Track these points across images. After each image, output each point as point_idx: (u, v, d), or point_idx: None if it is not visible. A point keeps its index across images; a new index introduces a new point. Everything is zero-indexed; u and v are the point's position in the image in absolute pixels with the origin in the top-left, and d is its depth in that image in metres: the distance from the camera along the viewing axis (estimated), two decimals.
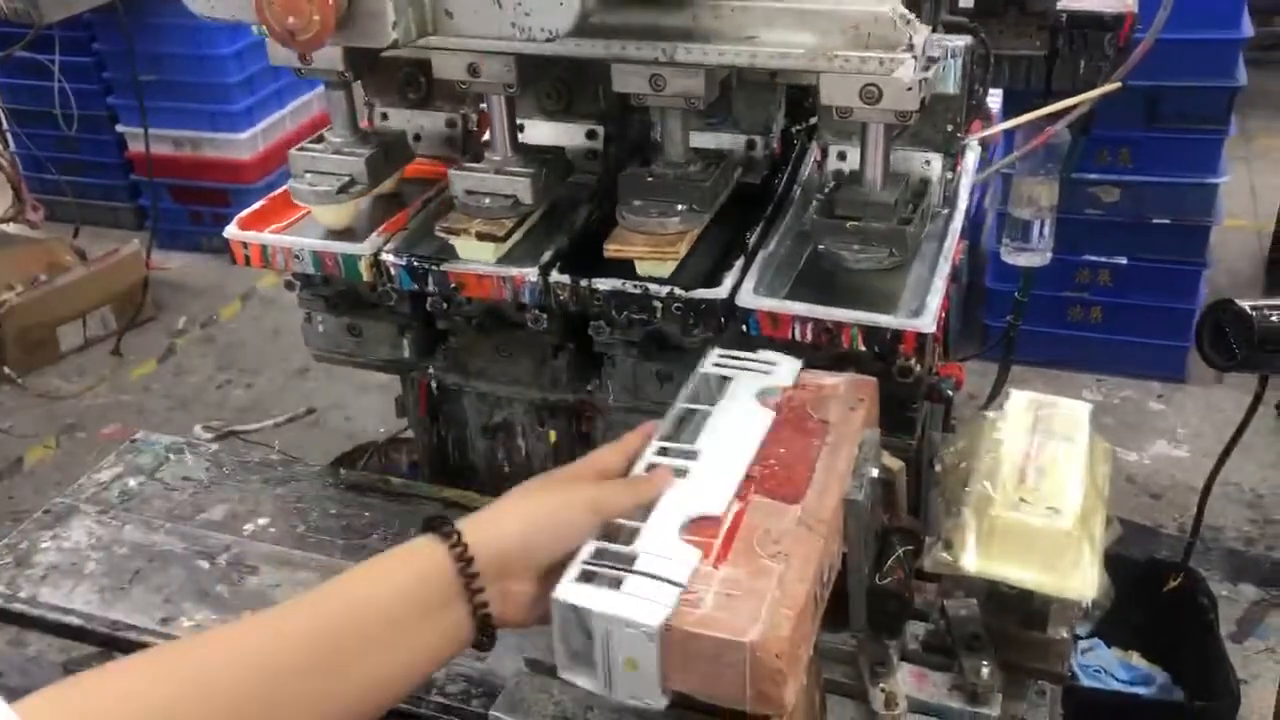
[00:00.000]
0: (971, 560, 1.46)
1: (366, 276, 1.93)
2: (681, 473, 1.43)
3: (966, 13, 2.90)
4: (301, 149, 1.98)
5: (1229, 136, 4.29)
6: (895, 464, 1.64)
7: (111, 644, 1.84)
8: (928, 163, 1.92)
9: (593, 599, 1.26)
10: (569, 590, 1.28)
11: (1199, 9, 3.81)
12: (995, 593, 1.56)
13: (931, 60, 1.55)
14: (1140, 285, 4.53)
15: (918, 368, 1.81)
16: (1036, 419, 1.63)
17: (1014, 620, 1.57)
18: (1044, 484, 1.50)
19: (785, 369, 1.63)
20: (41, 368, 5.10)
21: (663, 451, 1.48)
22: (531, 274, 1.83)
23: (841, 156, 1.96)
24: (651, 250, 1.77)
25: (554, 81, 2.05)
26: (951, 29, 2.78)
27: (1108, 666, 3.15)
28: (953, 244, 1.89)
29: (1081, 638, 3.19)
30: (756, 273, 1.80)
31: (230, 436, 4.43)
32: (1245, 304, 1.79)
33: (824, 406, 1.57)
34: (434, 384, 2.18)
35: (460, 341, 2.09)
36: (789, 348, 1.82)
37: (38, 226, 5.40)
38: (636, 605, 1.24)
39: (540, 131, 2.11)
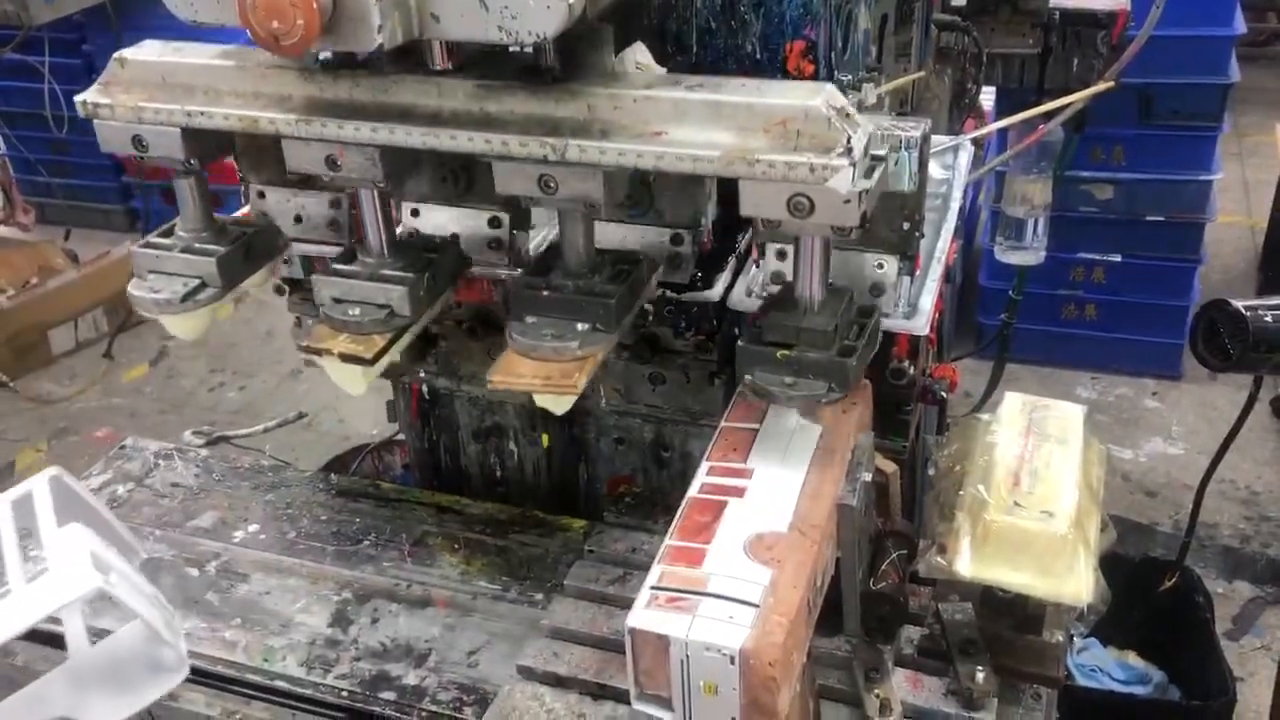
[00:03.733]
0: (966, 564, 1.46)
1: None
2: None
3: (959, 11, 2.90)
4: (146, 244, 1.68)
5: (1222, 133, 4.30)
6: (889, 467, 1.64)
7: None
8: (880, 266, 1.60)
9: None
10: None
11: (1191, 6, 3.81)
12: (990, 596, 1.55)
13: (876, 161, 1.31)
14: (1135, 282, 4.53)
15: (911, 370, 1.80)
16: (1030, 421, 1.62)
17: (1009, 624, 1.57)
18: (1038, 487, 1.50)
19: None
20: (33, 371, 5.08)
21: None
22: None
23: (781, 255, 1.63)
24: (545, 382, 1.45)
25: (451, 165, 1.73)
26: (944, 27, 2.78)
27: (1104, 666, 3.15)
28: (946, 244, 1.87)
29: (1078, 637, 3.19)
30: (749, 275, 1.79)
31: (220, 442, 4.41)
32: (1240, 304, 1.78)
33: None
34: (425, 388, 2.17)
35: (451, 345, 2.07)
36: None
37: (29, 229, 5.39)
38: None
39: (436, 219, 1.80)
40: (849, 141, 1.23)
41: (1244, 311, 1.77)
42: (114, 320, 5.28)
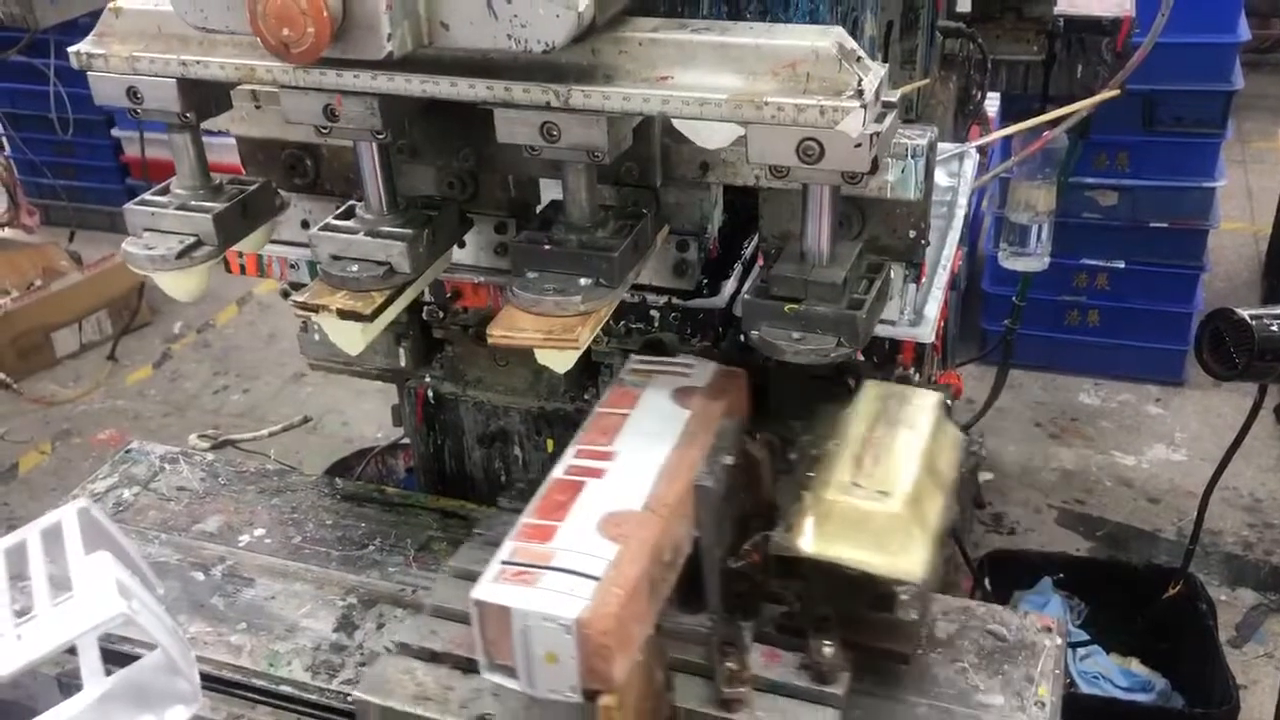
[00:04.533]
0: (809, 542, 1.49)
1: None
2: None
3: (964, 18, 2.90)
4: (141, 202, 1.63)
5: (1226, 140, 4.30)
6: (760, 453, 1.66)
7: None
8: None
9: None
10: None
11: (1196, 13, 3.81)
12: (843, 575, 1.55)
13: (887, 106, 1.28)
14: (1138, 289, 4.54)
15: (916, 377, 1.80)
16: (884, 408, 1.66)
17: (864, 603, 1.60)
18: (878, 469, 1.53)
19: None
20: (37, 373, 5.09)
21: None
22: None
23: None
24: (546, 337, 1.42)
25: (458, 171, 1.72)
26: (949, 34, 2.78)
27: (1107, 673, 3.15)
28: (951, 252, 1.88)
29: (1080, 644, 3.19)
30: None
31: (226, 446, 4.42)
32: (1244, 313, 1.79)
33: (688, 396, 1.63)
34: (431, 393, 2.17)
35: (457, 350, 2.07)
36: None
37: (33, 231, 5.39)
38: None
39: None
40: (860, 84, 1.21)
41: (1249, 320, 1.77)
42: (118, 322, 5.29)
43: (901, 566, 1.46)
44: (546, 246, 1.49)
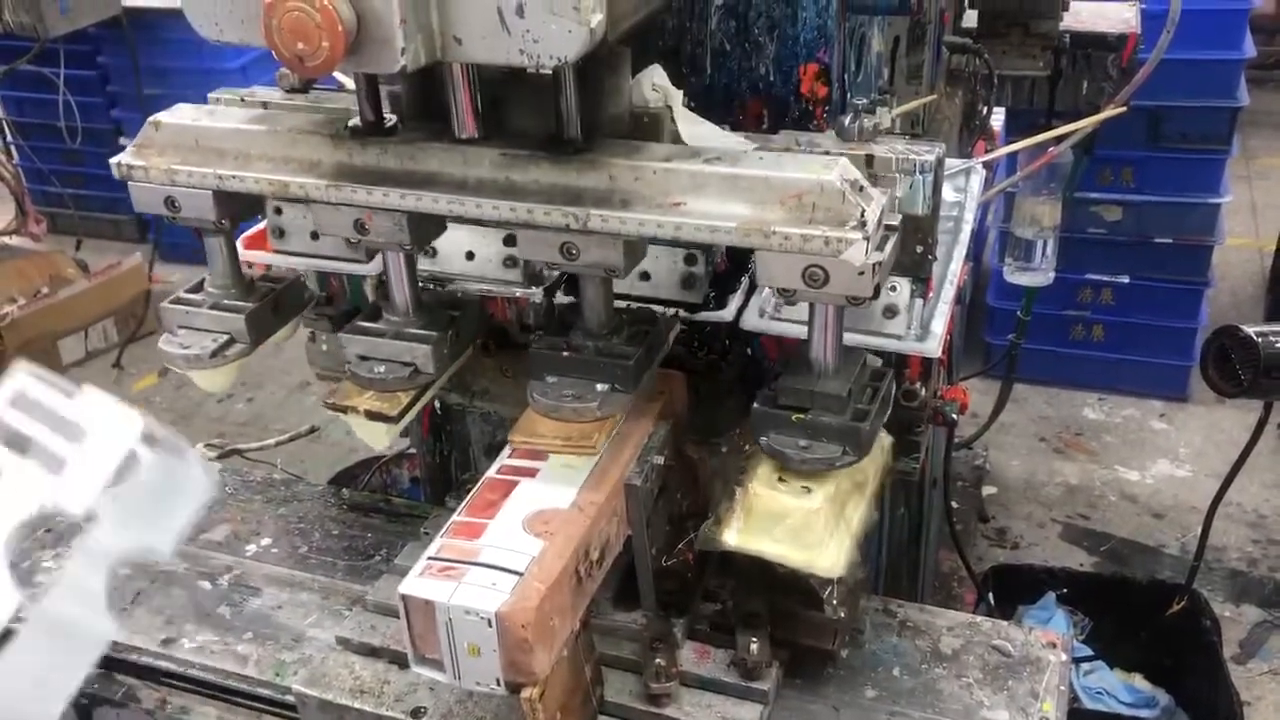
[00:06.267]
0: (733, 536, 1.51)
1: (371, 297, 1.93)
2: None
3: (970, 33, 2.92)
4: (176, 300, 1.71)
5: (1231, 156, 4.31)
6: (698, 453, 1.70)
7: (113, 665, 1.84)
8: (894, 289, 1.63)
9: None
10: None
11: (1201, 29, 3.82)
12: (773, 572, 1.57)
13: (889, 232, 1.35)
14: (1142, 304, 4.54)
15: (923, 391, 1.80)
16: None
17: (794, 601, 1.62)
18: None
19: None
20: None
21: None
22: (536, 294, 1.82)
23: None
24: (565, 443, 1.52)
25: None
26: (956, 49, 2.80)
27: (1111, 689, 3.14)
28: (958, 267, 1.88)
29: (1084, 659, 3.19)
30: (761, 296, 1.80)
31: (232, 455, 4.42)
32: (1251, 330, 1.79)
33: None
34: (438, 404, 2.18)
35: (464, 362, 2.08)
36: None
37: (40, 239, 5.41)
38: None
39: (453, 237, 1.79)
40: (863, 215, 1.26)
41: (1255, 337, 1.78)
42: (124, 330, 5.31)
43: (819, 562, 1.49)
44: (565, 353, 1.53)
